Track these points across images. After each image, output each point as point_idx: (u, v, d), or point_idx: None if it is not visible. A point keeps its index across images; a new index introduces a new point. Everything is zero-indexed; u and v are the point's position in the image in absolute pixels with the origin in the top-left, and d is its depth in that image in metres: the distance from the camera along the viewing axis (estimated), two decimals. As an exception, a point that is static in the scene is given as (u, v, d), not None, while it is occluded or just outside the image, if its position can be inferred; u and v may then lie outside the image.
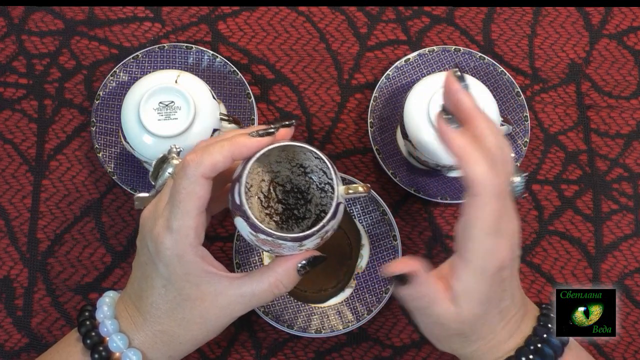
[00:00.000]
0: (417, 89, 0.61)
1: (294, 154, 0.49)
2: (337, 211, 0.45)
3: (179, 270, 0.46)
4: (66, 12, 0.67)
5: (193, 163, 0.44)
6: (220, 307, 0.47)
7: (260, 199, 0.50)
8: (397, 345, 0.64)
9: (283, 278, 0.47)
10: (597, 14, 0.68)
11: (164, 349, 0.49)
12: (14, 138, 0.65)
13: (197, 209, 0.45)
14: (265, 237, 0.45)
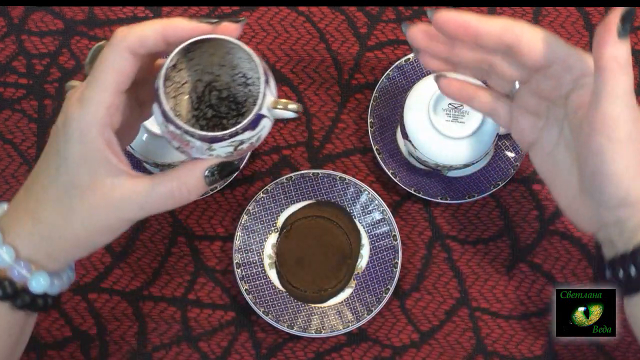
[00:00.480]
0: (417, 89, 0.61)
1: (239, 60, 0.45)
2: (258, 123, 0.42)
3: (77, 149, 0.41)
4: (66, 12, 0.67)
5: (120, 34, 0.40)
6: (112, 202, 0.42)
7: (191, 99, 0.46)
8: (396, 345, 0.63)
9: (188, 181, 0.43)
10: (597, 14, 0.68)
11: (42, 244, 0.43)
12: (14, 138, 0.65)
13: (115, 84, 0.40)
14: (174, 130, 0.41)
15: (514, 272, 0.64)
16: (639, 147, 0.42)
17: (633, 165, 0.42)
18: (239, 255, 0.63)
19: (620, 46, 0.40)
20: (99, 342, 0.63)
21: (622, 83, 0.40)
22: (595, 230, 0.46)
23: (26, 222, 0.43)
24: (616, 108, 0.41)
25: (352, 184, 0.64)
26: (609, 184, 0.42)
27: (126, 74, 0.41)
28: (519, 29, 0.44)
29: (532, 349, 0.63)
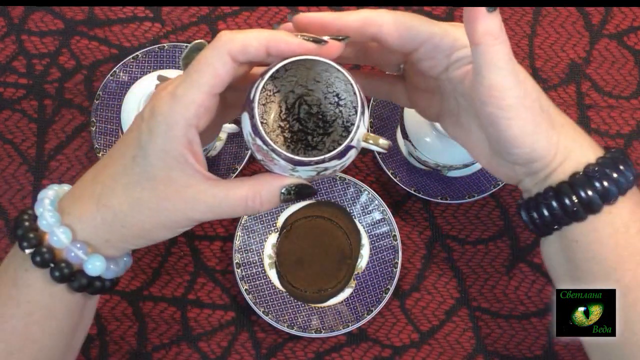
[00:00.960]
0: (417, 88, 0.61)
1: (335, 79, 0.45)
2: (346, 154, 0.41)
3: (159, 141, 0.40)
4: (66, 12, 0.67)
5: (224, 37, 0.40)
6: (183, 200, 0.41)
7: (281, 108, 0.46)
8: (396, 345, 0.64)
9: (264, 193, 0.42)
10: (597, 14, 0.68)
11: (103, 229, 0.43)
12: (14, 138, 0.65)
13: (210, 86, 0.40)
14: (260, 144, 0.41)
15: (514, 272, 0.64)
16: (530, 105, 0.43)
17: (530, 124, 0.43)
18: (239, 255, 0.63)
19: (491, 19, 0.40)
20: (99, 342, 0.63)
21: (499, 52, 0.41)
22: (516, 183, 0.48)
23: (89, 206, 0.43)
24: (499, 78, 0.41)
25: (352, 184, 0.64)
26: (512, 147, 0.43)
27: (223, 77, 0.40)
28: (379, 19, 0.43)
29: (532, 349, 0.63)
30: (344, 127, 0.46)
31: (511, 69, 0.42)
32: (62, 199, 0.44)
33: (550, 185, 0.45)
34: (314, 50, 0.41)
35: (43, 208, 0.43)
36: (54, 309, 0.44)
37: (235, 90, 0.43)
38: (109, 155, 0.44)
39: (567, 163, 0.45)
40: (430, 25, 0.44)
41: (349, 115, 0.45)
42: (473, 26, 0.40)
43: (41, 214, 0.43)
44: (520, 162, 0.45)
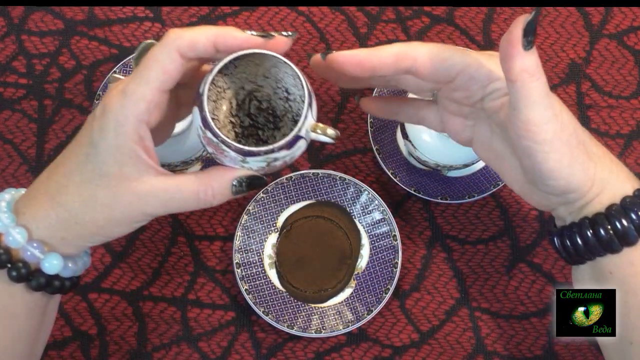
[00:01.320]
0: (417, 88, 0.61)
1: (284, 75, 0.45)
2: (295, 144, 0.42)
3: (110, 139, 0.41)
4: (66, 12, 0.67)
5: (172, 34, 0.41)
6: (136, 194, 0.42)
7: (231, 104, 0.47)
8: (396, 345, 0.64)
9: (215, 185, 0.43)
10: (597, 14, 0.68)
11: (57, 227, 0.43)
12: (14, 138, 0.65)
13: (159, 82, 0.40)
14: (210, 137, 0.41)
15: (514, 272, 0.64)
16: (567, 138, 0.43)
17: (566, 157, 0.43)
18: (239, 255, 0.63)
19: (528, 57, 0.40)
20: (99, 342, 0.63)
21: (535, 89, 0.41)
22: (549, 210, 0.48)
23: (43, 204, 0.43)
24: (535, 113, 0.42)
25: (352, 184, 0.64)
26: (548, 179, 0.44)
27: (172, 74, 0.41)
28: (413, 53, 0.44)
29: (532, 349, 0.63)
30: (293, 121, 0.46)
31: (547, 103, 0.42)
32: (18, 200, 0.45)
33: (586, 215, 0.45)
34: (262, 44, 0.41)
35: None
36: (14, 309, 0.44)
37: (188, 87, 0.44)
38: (63, 154, 0.44)
39: (603, 195, 0.45)
40: (464, 56, 0.44)
41: (299, 109, 0.46)
42: (510, 64, 0.41)
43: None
44: (555, 193, 0.45)
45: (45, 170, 0.45)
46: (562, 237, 0.47)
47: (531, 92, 0.41)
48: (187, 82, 0.44)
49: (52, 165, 0.45)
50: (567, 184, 0.44)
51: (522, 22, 0.39)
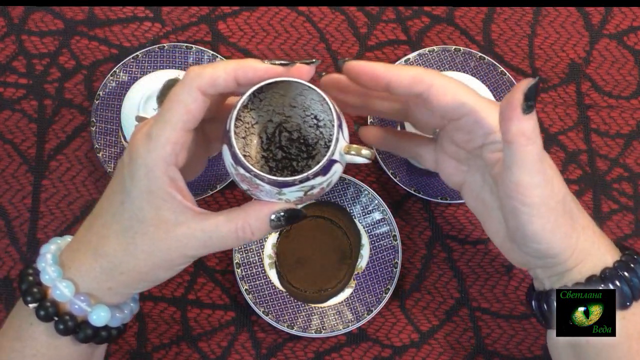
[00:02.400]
0: (417, 89, 0.61)
1: (310, 102, 0.45)
2: (330, 169, 0.41)
3: (143, 185, 0.41)
4: (66, 12, 0.67)
5: (193, 73, 0.40)
6: (175, 238, 0.42)
7: (261, 139, 0.46)
8: (396, 345, 0.64)
9: (253, 222, 0.42)
10: (597, 14, 0.68)
11: (103, 278, 0.43)
12: (14, 138, 0.65)
13: (183, 122, 0.40)
14: (244, 173, 0.40)
15: (514, 272, 0.64)
16: (554, 205, 0.43)
17: (551, 223, 0.43)
18: (239, 255, 0.63)
19: (527, 121, 0.40)
20: (99, 342, 0.63)
21: (530, 153, 0.41)
22: (527, 269, 0.49)
23: (87, 257, 0.43)
24: (526, 177, 0.42)
25: (352, 184, 0.64)
26: (530, 241, 0.44)
27: (195, 113, 0.40)
28: (429, 79, 0.43)
29: (532, 349, 0.63)
30: (326, 147, 0.45)
31: (540, 168, 0.42)
32: (62, 252, 0.45)
33: (566, 284, 0.46)
34: (283, 73, 0.41)
35: (45, 263, 0.44)
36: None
37: (215, 122, 0.43)
38: (100, 205, 0.44)
39: (584, 264, 0.45)
40: (477, 99, 0.44)
41: (330, 134, 0.45)
42: (507, 125, 0.40)
43: (43, 269, 0.44)
44: (536, 255, 0.45)
45: (85, 221, 0.45)
46: (539, 301, 0.48)
47: (525, 156, 0.41)
48: (213, 117, 0.43)
49: (91, 216, 0.45)
50: (548, 248, 0.44)
51: (523, 86, 0.39)
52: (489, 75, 0.65)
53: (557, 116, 0.66)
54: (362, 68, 0.43)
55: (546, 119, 0.66)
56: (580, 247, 0.45)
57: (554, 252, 0.44)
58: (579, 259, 0.45)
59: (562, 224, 0.44)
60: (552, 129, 0.66)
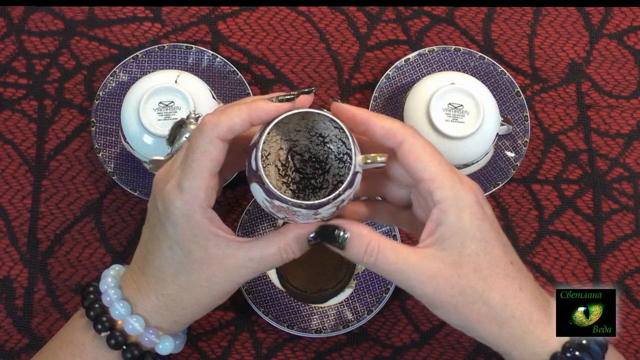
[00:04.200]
0: (417, 89, 0.61)
1: (313, 123, 0.48)
2: (354, 180, 0.45)
3: (186, 231, 0.45)
4: (66, 12, 0.67)
5: (210, 123, 0.44)
6: (227, 269, 0.46)
7: (277, 167, 0.49)
8: (397, 345, 0.64)
9: (293, 243, 0.46)
10: (597, 13, 0.68)
11: (167, 314, 0.48)
12: (14, 138, 0.65)
13: (210, 170, 0.44)
14: (280, 204, 0.44)
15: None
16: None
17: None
18: (239, 255, 0.63)
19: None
20: (99, 342, 0.63)
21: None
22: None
23: (150, 297, 0.48)
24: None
25: (352, 184, 0.64)
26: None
27: (218, 159, 0.45)
28: (402, 136, 0.45)
29: (532, 349, 0.63)
30: (337, 159, 0.49)
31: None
32: (124, 289, 0.50)
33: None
34: (291, 107, 0.45)
35: (111, 298, 0.49)
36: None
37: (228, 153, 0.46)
38: (146, 248, 0.49)
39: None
40: (438, 169, 0.45)
41: (338, 147, 0.49)
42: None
43: (112, 305, 0.49)
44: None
45: (134, 263, 0.50)
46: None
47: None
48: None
49: (141, 259, 0.49)
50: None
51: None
52: (489, 75, 0.65)
53: (557, 116, 0.67)
54: (345, 111, 0.46)
55: (546, 119, 0.66)
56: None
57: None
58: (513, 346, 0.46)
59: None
60: (552, 129, 0.66)
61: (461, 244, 0.44)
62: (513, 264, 0.46)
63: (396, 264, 0.44)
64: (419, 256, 0.44)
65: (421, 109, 0.60)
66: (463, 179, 0.45)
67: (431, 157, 0.45)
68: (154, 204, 0.47)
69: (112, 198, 0.65)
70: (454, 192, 0.44)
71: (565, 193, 0.65)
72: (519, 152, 0.64)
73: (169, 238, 0.46)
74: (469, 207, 0.44)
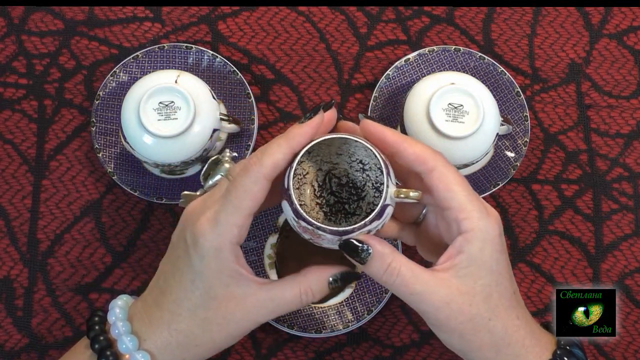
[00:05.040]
0: (417, 89, 0.61)
1: (355, 149, 0.49)
2: (384, 213, 0.45)
3: (213, 265, 0.45)
4: (66, 12, 0.67)
5: (256, 165, 0.44)
6: (246, 310, 0.46)
7: (314, 187, 0.50)
8: (397, 345, 0.64)
9: (314, 286, 0.47)
10: (597, 13, 0.68)
11: (178, 351, 0.47)
12: (14, 138, 0.65)
13: (249, 209, 0.45)
14: (305, 225, 0.45)
15: (514, 272, 0.64)
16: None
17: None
18: (239, 255, 0.63)
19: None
20: (100, 342, 0.63)
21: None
22: None
23: (162, 332, 0.47)
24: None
25: (352, 184, 0.64)
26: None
27: (260, 199, 0.45)
28: (432, 163, 0.45)
29: (532, 349, 0.63)
30: (374, 188, 0.49)
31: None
32: (134, 322, 0.48)
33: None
34: (320, 119, 0.45)
35: (119, 331, 0.47)
36: None
37: None
38: (164, 281, 0.48)
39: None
40: (466, 199, 0.45)
41: (377, 176, 0.49)
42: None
43: (120, 338, 0.47)
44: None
45: (148, 294, 0.49)
46: None
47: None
48: None
49: (156, 291, 0.48)
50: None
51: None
52: (489, 75, 0.65)
53: (557, 116, 0.67)
54: (375, 132, 0.46)
55: (546, 119, 0.66)
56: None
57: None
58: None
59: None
60: (552, 129, 0.66)
61: (477, 274, 0.45)
62: (515, 293, 0.47)
63: (414, 289, 0.45)
64: (437, 282, 0.45)
65: (421, 109, 0.60)
66: (489, 210, 0.46)
67: (460, 186, 0.45)
68: (181, 236, 0.47)
69: (112, 198, 0.65)
70: (480, 225, 0.45)
71: (565, 193, 0.65)
72: (519, 152, 0.64)
73: (193, 271, 0.46)
74: (491, 240, 0.45)
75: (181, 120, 0.58)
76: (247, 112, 0.64)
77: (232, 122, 0.61)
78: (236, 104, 0.64)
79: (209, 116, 0.59)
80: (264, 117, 0.66)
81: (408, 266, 0.46)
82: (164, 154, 0.58)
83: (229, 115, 0.61)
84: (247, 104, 0.64)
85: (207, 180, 0.50)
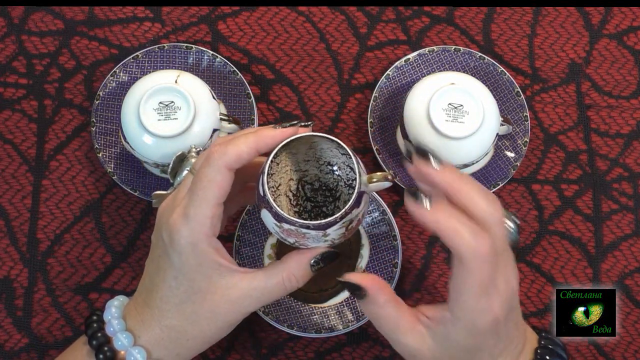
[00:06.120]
0: (417, 89, 0.61)
1: (321, 152, 0.49)
2: (361, 200, 0.45)
3: (191, 260, 0.45)
4: (66, 12, 0.67)
5: (217, 153, 0.45)
6: (231, 301, 0.47)
7: (289, 197, 0.50)
8: (397, 345, 0.64)
9: (296, 271, 0.47)
10: (597, 13, 0.68)
11: (171, 346, 0.48)
12: (14, 138, 0.65)
13: (216, 199, 0.45)
14: (289, 227, 0.45)
15: (514, 272, 0.64)
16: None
17: None
18: (239, 256, 0.63)
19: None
20: (99, 342, 0.63)
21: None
22: None
23: (154, 329, 0.48)
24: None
25: (352, 184, 0.64)
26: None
27: (225, 188, 0.45)
28: (464, 252, 0.43)
29: (532, 349, 0.63)
30: (347, 185, 0.50)
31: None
32: (128, 320, 0.49)
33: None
34: (294, 132, 0.46)
35: (114, 328, 0.48)
36: None
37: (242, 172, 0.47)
38: (150, 281, 0.49)
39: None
40: (481, 308, 0.44)
41: (347, 174, 0.49)
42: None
43: (115, 335, 0.48)
44: None
45: (137, 295, 0.50)
46: None
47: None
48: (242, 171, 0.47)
49: (144, 291, 0.49)
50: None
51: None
52: (489, 75, 0.65)
53: (557, 116, 0.67)
54: (420, 215, 0.44)
55: (546, 119, 0.66)
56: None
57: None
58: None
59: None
60: (552, 129, 0.66)
61: (452, 350, 0.46)
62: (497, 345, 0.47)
63: (406, 347, 0.46)
64: (421, 341, 0.46)
65: (421, 109, 0.60)
66: (493, 303, 0.44)
67: (473, 287, 0.44)
68: (159, 235, 0.47)
69: (112, 198, 0.65)
70: (471, 323, 0.44)
71: (565, 193, 0.65)
72: (519, 152, 0.64)
73: (173, 268, 0.46)
74: (482, 334, 0.45)
75: (181, 120, 0.58)
76: (247, 112, 0.64)
77: (232, 122, 0.61)
78: (236, 104, 0.64)
79: (209, 116, 0.59)
80: (264, 117, 0.66)
81: (404, 326, 0.46)
82: (164, 154, 0.58)
83: (229, 115, 0.61)
84: (247, 104, 0.64)
85: (175, 177, 0.51)
